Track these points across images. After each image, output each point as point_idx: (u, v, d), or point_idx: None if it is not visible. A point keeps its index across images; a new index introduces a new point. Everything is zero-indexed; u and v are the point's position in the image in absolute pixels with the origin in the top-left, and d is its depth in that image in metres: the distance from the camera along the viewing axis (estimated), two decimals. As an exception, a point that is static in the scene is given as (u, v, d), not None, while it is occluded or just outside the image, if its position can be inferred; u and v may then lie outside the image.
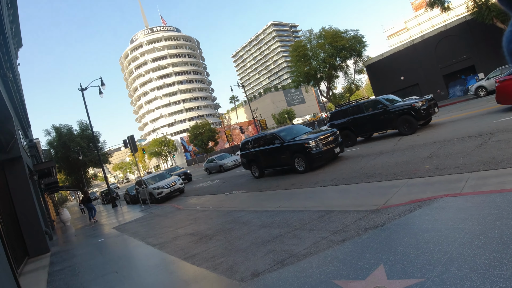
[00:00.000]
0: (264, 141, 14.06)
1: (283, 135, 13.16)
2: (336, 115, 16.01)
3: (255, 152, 14.51)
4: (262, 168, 14.51)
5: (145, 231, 10.25)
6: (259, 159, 14.33)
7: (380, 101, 13.96)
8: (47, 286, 6.64)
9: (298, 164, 12.18)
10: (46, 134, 35.54)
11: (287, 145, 12.54)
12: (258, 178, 14.71)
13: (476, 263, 2.80)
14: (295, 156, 12.18)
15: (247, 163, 15.51)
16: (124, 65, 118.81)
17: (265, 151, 13.78)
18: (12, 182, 10.18)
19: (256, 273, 4.12)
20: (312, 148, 11.52)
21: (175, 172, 27.55)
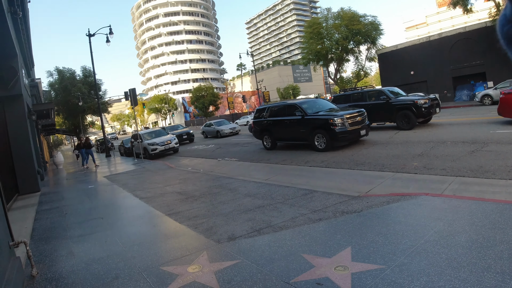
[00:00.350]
0: (283, 111, 13.07)
1: (306, 107, 12.13)
2: (339, 99, 16.00)
3: (271, 122, 13.49)
4: (276, 139, 13.62)
5: (135, 184, 10.49)
6: (274, 129, 13.42)
7: (384, 92, 13.99)
8: (34, 223, 6.87)
9: (318, 142, 11.33)
10: (48, 76, 35.19)
11: (308, 119, 11.62)
12: (269, 149, 13.82)
13: (436, 260, 2.99)
14: (316, 132, 11.30)
15: (259, 132, 14.44)
16: (135, 16, 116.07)
17: (283, 122, 12.83)
18: (11, 119, 10.26)
19: (233, 237, 4.34)
20: (338, 125, 10.69)
21: (177, 131, 26.52)
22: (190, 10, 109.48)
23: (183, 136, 25.39)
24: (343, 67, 36.56)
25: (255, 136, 15.14)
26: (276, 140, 13.66)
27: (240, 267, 3.40)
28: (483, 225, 3.64)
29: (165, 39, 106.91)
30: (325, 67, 37.62)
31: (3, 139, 9.84)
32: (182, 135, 25.35)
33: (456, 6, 25.31)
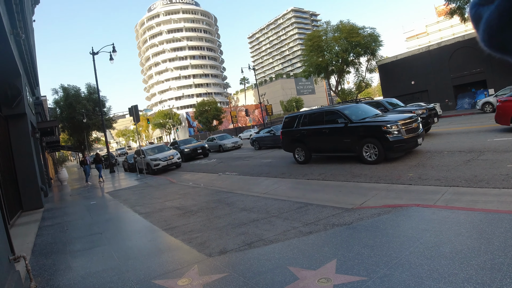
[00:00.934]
0: (320, 118, 11.54)
1: (349, 113, 10.65)
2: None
3: (305, 131, 11.87)
4: (312, 151, 11.95)
5: (136, 200, 10.62)
6: (310, 140, 11.77)
7: (382, 104, 14.06)
8: (35, 238, 7.01)
9: (368, 152, 9.80)
10: (53, 93, 35.94)
11: (354, 127, 10.12)
12: (302, 163, 12.14)
13: (418, 272, 3.05)
14: (365, 141, 9.80)
15: (289, 144, 12.81)
16: (139, 33, 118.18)
17: (321, 132, 11.22)
18: (15, 137, 10.50)
19: (225, 250, 4.43)
20: (393, 133, 9.25)
21: (191, 145, 25.02)
22: (192, 26, 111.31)
23: (197, 150, 23.98)
24: (344, 79, 36.82)
25: (284, 148, 13.44)
26: (312, 152, 12.01)
27: (228, 280, 3.48)
28: (470, 236, 3.69)
29: (169, 55, 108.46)
30: (326, 79, 37.90)
31: (7, 156, 10.04)
32: (197, 149, 24.03)
33: (453, 16, 25.57)
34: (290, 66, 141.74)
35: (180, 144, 25.18)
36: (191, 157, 23.57)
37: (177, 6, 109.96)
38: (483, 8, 0.56)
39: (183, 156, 22.84)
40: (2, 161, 8.78)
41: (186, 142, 26.46)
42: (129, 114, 19.43)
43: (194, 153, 23.60)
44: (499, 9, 0.52)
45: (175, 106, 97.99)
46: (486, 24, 0.55)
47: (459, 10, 24.55)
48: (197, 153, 23.92)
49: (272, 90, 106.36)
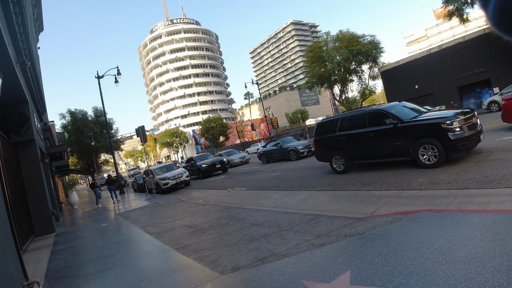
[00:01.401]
0: (361, 121, 10.18)
1: (396, 112, 9.42)
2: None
3: (344, 137, 10.60)
4: (354, 159, 10.69)
5: (146, 220, 10.63)
6: (350, 146, 10.51)
7: None
8: (48, 263, 7.04)
9: (425, 155, 8.56)
10: (61, 118, 36.47)
11: (407, 127, 8.87)
12: (341, 173, 10.93)
13: (434, 279, 3.00)
14: (422, 142, 8.55)
15: (325, 153, 11.54)
16: (142, 55, 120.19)
17: (364, 136, 9.93)
18: (24, 163, 10.65)
19: (237, 267, 4.40)
20: (455, 131, 8.05)
21: (208, 160, 23.44)
22: (194, 45, 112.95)
23: (216, 165, 22.28)
24: (347, 88, 36.89)
25: (318, 158, 12.12)
26: (354, 159, 10.73)
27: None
28: (484, 238, 3.63)
29: (173, 75, 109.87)
30: (330, 89, 38.01)
31: (18, 182, 10.16)
32: (215, 164, 22.28)
33: (452, 17, 25.66)
34: (293, 78, 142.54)
35: (196, 160, 23.90)
36: (209, 173, 22.20)
37: (178, 26, 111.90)
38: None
39: (201, 173, 22.08)
40: (13, 187, 8.89)
41: (202, 158, 24.66)
42: (136, 134, 19.63)
43: (212, 169, 22.23)
44: None
45: (181, 125, 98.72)
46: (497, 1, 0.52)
47: (457, 11, 24.64)
48: (216, 169, 22.34)
49: (277, 103, 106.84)
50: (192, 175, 22.93)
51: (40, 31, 20.17)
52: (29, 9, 12.16)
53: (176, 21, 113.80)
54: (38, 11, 17.44)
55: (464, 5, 24.45)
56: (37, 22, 18.21)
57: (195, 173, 23.09)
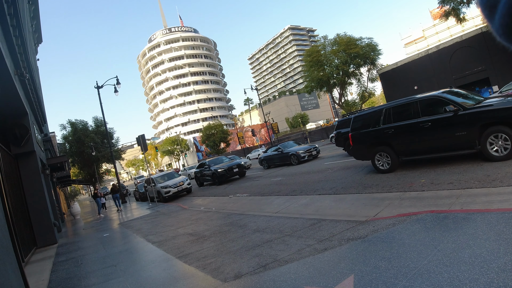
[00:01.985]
0: (412, 111, 8.79)
1: (455, 98, 8.25)
2: (342, 124, 16.15)
3: (390, 130, 9.22)
4: (403, 154, 9.25)
5: (148, 229, 10.59)
6: (399, 140, 9.12)
7: None
8: (50, 274, 7.00)
9: (495, 146, 7.44)
10: (61, 129, 36.56)
11: (471, 114, 7.68)
12: (386, 172, 9.52)
13: (438, 281, 2.96)
14: (490, 131, 7.42)
15: (366, 149, 10.11)
16: (141, 64, 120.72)
17: (417, 127, 8.58)
18: (25, 175, 10.65)
19: (239, 275, 4.35)
20: None
21: (224, 163, 21.18)
22: (193, 53, 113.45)
23: (233, 170, 19.98)
24: (346, 91, 36.93)
25: (356, 156, 10.80)
26: (403, 155, 9.26)
27: (245, 305, 3.40)
28: (488, 238, 3.59)
29: (172, 83, 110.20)
30: (329, 92, 38.05)
31: (19, 194, 10.15)
32: (233, 168, 19.97)
33: (448, 17, 25.71)
34: (292, 83, 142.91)
35: (210, 164, 21.43)
36: (226, 178, 19.98)
37: (176, 35, 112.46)
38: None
39: (217, 178, 19.74)
40: (14, 199, 8.88)
41: (217, 162, 22.24)
42: (137, 143, 19.64)
43: (230, 173, 19.91)
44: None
45: (182, 132, 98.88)
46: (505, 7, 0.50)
47: (453, 11, 24.67)
48: (233, 173, 20.07)
49: (277, 108, 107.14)
50: (205, 181, 21.84)
51: (39, 43, 20.29)
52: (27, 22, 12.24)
53: (174, 29, 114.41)
54: (37, 23, 17.56)
55: (460, 4, 24.48)
56: (36, 34, 18.32)
57: (208, 179, 21.20)
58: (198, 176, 22.28)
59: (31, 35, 15.43)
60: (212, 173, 20.21)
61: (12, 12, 6.23)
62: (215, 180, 20.02)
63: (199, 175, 22.16)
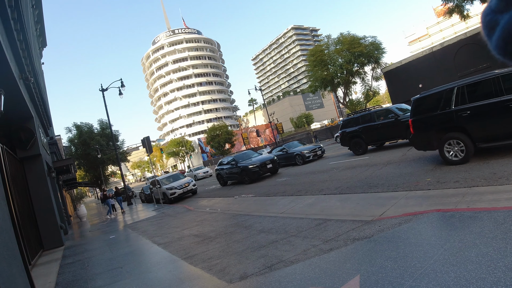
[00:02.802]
0: (491, 88, 7.46)
1: None
2: (349, 123, 16.17)
3: (465, 112, 7.79)
4: (481, 140, 7.66)
5: (154, 230, 10.62)
6: (477, 124, 7.64)
7: (392, 111, 14.02)
8: (57, 277, 7.04)
9: None
10: (67, 132, 36.82)
11: None
12: (459, 163, 7.99)
13: (445, 280, 2.93)
14: None
15: (432, 137, 8.58)
16: (145, 66, 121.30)
17: (501, 107, 7.10)
18: (31, 178, 10.72)
19: (245, 275, 4.35)
20: None
21: (255, 158, 18.26)
22: (197, 54, 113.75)
23: (267, 166, 17.29)
24: (351, 90, 36.80)
25: (418, 146, 9.27)
26: (483, 141, 7.62)
27: (250, 306, 3.40)
28: (494, 236, 3.56)
29: (176, 85, 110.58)
30: (333, 92, 37.94)
31: (25, 198, 10.23)
32: (266, 164, 17.30)
33: (452, 14, 25.54)
34: (296, 83, 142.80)
35: (238, 160, 18.74)
36: (259, 176, 17.22)
37: (180, 37, 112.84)
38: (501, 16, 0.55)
39: (247, 176, 17.13)
40: (20, 202, 8.94)
41: (244, 157, 19.19)
42: (142, 145, 19.72)
43: (264, 170, 17.25)
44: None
45: (187, 134, 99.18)
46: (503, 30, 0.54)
47: (457, 8, 24.50)
48: (267, 170, 17.43)
49: (281, 108, 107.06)
50: (231, 179, 19.31)
51: (44, 47, 20.46)
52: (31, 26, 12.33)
53: (177, 31, 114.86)
54: (41, 27, 17.70)
55: (463, 1, 24.31)
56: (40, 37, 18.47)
57: (235, 177, 18.59)
58: (222, 174, 19.92)
59: (35, 39, 15.56)
60: (241, 170, 17.47)
61: (16, 17, 6.28)
62: (244, 178, 17.35)
63: (223, 173, 19.73)
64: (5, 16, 5.78)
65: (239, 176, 18.04)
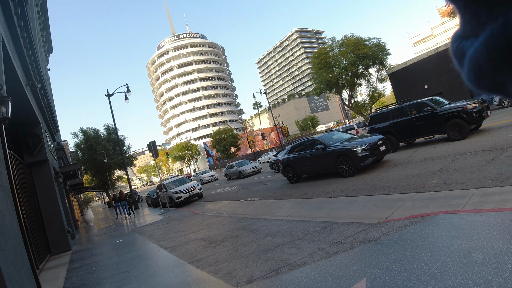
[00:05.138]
0: None
1: None
2: (377, 119, 14.86)
3: None
4: None
5: (160, 234, 10.65)
6: None
7: (427, 103, 12.94)
8: (65, 281, 7.10)
9: None
10: (74, 137, 37.12)
11: None
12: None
13: (452, 282, 2.91)
14: None
15: None
16: (151, 71, 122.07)
17: None
18: (38, 183, 10.83)
19: (251, 279, 4.35)
20: None
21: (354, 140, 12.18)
22: (201, 59, 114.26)
23: (380, 148, 12.28)
24: (356, 92, 36.64)
25: None
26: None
27: (257, 309, 3.40)
28: (502, 238, 3.53)
29: (182, 89, 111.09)
30: (338, 94, 37.82)
31: (33, 203, 10.33)
32: (379, 146, 12.54)
33: (456, 15, 25.46)
34: (301, 86, 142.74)
35: (325, 141, 12.79)
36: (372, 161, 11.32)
37: (184, 41, 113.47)
38: (466, 42, 0.45)
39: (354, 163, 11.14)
40: (28, 207, 9.03)
41: (334, 139, 13.17)
42: (148, 150, 19.83)
43: (376, 152, 11.82)
44: (488, 46, 0.40)
45: (192, 138, 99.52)
46: (472, 63, 0.44)
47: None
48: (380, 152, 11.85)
49: (286, 111, 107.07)
50: (310, 170, 13.43)
51: (50, 53, 20.70)
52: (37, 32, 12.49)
53: (182, 36, 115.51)
54: (47, 33, 17.92)
55: (469, 1, 24.23)
56: (46, 44, 18.69)
57: (318, 166, 12.90)
58: (293, 164, 14.00)
59: (41, 46, 15.75)
60: (337, 155, 11.76)
61: (22, 24, 6.38)
62: (344, 167, 11.58)
63: (295, 163, 13.86)
64: (11, 23, 5.87)
65: (327, 165, 12.34)
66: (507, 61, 0.38)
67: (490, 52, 0.40)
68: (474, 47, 0.42)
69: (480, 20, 0.41)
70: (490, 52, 0.39)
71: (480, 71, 0.43)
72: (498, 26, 0.38)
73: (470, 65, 0.44)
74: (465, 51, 0.45)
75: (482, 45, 0.41)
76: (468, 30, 0.45)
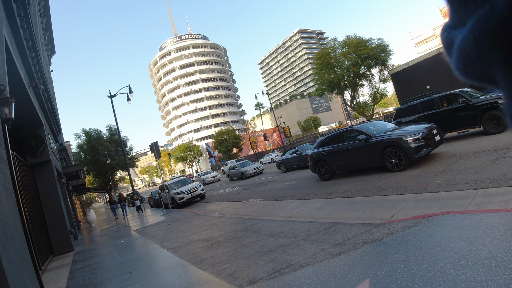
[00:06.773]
0: None
1: None
2: (403, 112, 14.10)
3: None
4: None
5: (163, 235, 10.66)
6: None
7: (461, 95, 12.06)
8: (67, 282, 7.11)
9: None
10: (76, 138, 37.27)
11: None
12: None
13: (455, 283, 2.90)
14: None
15: None
16: (153, 72, 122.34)
17: None
18: (41, 184, 10.87)
19: (254, 280, 4.35)
20: None
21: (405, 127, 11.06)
22: (203, 60, 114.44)
23: (435, 138, 11.09)
24: (358, 93, 36.62)
25: None
26: None
27: (260, 310, 3.40)
28: (505, 238, 3.52)
29: (184, 90, 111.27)
30: (340, 95, 37.81)
31: (35, 203, 10.36)
32: (433, 135, 10.51)
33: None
34: (303, 86, 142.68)
35: (368, 131, 11.16)
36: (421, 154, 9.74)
37: (186, 42, 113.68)
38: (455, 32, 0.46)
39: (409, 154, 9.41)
40: (31, 208, 9.06)
41: (379, 128, 11.46)
42: (151, 151, 19.85)
43: (431, 142, 10.23)
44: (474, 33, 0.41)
45: (194, 139, 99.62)
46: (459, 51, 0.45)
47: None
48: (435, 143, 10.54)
49: (288, 112, 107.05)
50: (351, 163, 11.54)
51: (52, 54, 20.78)
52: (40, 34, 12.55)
53: (184, 37, 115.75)
54: (49, 35, 17.99)
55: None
56: (49, 45, 18.76)
57: (361, 160, 11.16)
58: (327, 159, 12.26)
59: (44, 47, 15.82)
60: (385, 146, 10.14)
61: (25, 25, 6.41)
62: (394, 161, 10.01)
63: (331, 156, 12.13)
64: (14, 24, 5.90)
65: (372, 158, 10.73)
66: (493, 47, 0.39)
67: (477, 39, 0.40)
68: (462, 34, 0.43)
69: (467, 9, 0.42)
70: (477, 38, 0.40)
71: (467, 58, 0.43)
72: (485, 11, 0.38)
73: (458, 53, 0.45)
74: (453, 40, 0.46)
75: (469, 31, 0.41)
76: (456, 19, 0.45)
